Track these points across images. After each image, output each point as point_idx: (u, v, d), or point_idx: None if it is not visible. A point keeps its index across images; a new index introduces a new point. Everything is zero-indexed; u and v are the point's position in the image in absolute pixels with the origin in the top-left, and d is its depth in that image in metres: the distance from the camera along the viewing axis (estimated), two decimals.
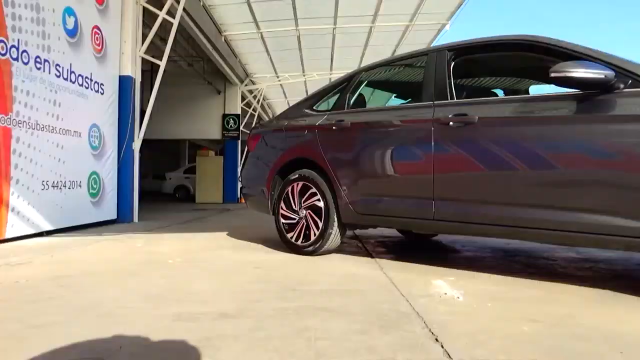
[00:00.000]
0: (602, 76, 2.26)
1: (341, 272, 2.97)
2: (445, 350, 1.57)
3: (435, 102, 3.01)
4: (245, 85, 15.14)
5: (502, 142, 2.62)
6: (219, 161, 15.09)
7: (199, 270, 3.05)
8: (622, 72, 2.30)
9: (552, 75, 2.35)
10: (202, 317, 1.96)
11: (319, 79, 14.13)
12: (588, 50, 2.48)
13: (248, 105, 16.38)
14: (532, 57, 2.83)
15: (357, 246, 4.10)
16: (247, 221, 7.02)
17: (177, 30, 7.55)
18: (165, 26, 7.93)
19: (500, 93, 3.87)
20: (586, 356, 1.53)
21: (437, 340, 1.68)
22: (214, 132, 15.23)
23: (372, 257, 3.54)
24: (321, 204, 3.49)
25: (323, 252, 3.53)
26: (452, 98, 2.99)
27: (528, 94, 3.69)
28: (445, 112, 2.90)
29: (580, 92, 2.40)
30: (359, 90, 3.82)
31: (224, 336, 1.73)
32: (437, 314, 2.01)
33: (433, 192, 2.90)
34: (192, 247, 4.17)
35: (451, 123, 2.84)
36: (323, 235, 3.45)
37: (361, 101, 3.84)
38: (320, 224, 3.47)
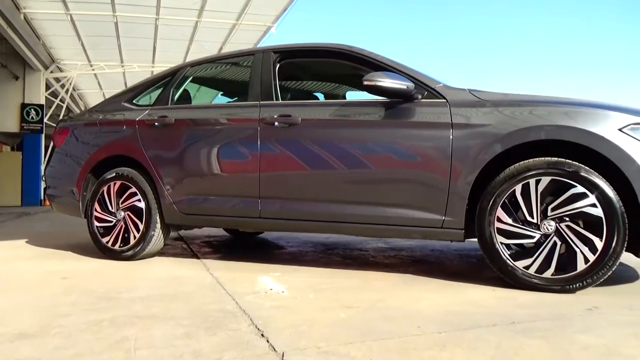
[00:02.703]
0: (405, 87, 2.59)
1: (164, 276, 2.83)
2: (271, 344, 1.62)
3: (261, 102, 3.07)
4: (51, 72, 13.32)
5: (322, 143, 2.81)
6: (16, 158, 12.98)
7: None
8: (420, 84, 2.66)
9: (364, 83, 2.61)
10: None
11: (139, 71, 13.21)
12: (393, 62, 2.81)
13: (54, 94, 14.44)
14: (348, 65, 3.10)
15: (182, 247, 3.96)
16: (53, 226, 6.19)
17: None
18: None
19: (320, 96, 4.13)
20: (392, 334, 1.72)
21: (262, 335, 1.71)
22: (10, 123, 13.02)
23: (197, 258, 3.45)
24: (142, 204, 3.27)
25: (144, 256, 3.32)
26: (277, 99, 3.09)
27: (345, 98, 4.02)
28: (270, 113, 2.97)
29: (388, 100, 2.70)
30: (184, 85, 3.68)
31: None
32: (262, 309, 2.06)
33: (259, 191, 2.95)
34: None
35: (276, 123, 2.93)
36: (144, 237, 3.24)
37: (186, 97, 3.72)
38: (141, 226, 3.25)
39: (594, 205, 2.22)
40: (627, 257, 2.41)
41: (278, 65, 3.18)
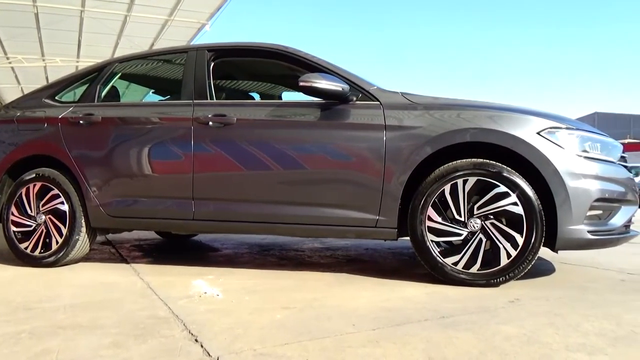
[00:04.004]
0: (340, 88, 2.62)
1: (91, 283, 2.68)
2: (205, 349, 1.58)
3: (195, 101, 2.99)
4: None
5: (258, 143, 2.79)
6: None
7: None
8: (355, 86, 2.72)
9: (300, 84, 2.62)
10: None
11: (63, 66, 12.48)
12: (329, 64, 2.84)
13: None
14: (284, 65, 3.10)
15: (110, 252, 3.77)
16: None
17: None
18: None
19: (256, 97, 4.10)
20: (328, 333, 1.74)
21: (196, 340, 1.67)
22: None
23: (127, 262, 3.30)
24: (65, 207, 3.08)
25: (68, 262, 3.13)
26: (211, 98, 3.03)
27: (281, 99, 4.01)
28: (204, 112, 2.91)
29: (323, 101, 2.72)
30: (112, 82, 3.51)
31: None
32: (196, 314, 2.00)
33: (193, 192, 2.88)
34: None
35: (210, 123, 2.87)
36: (68, 242, 3.05)
37: (114, 94, 3.54)
38: (65, 230, 3.06)
39: (515, 203, 2.36)
40: (544, 252, 2.59)
41: (213, 64, 3.12)
